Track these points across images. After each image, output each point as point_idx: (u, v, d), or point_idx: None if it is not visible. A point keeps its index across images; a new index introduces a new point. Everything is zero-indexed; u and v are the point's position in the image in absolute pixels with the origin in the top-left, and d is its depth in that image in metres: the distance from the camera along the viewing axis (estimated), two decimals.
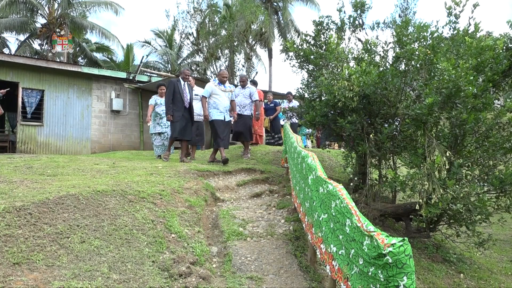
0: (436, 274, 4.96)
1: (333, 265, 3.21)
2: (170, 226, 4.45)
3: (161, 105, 9.55)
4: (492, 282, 5.08)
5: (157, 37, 30.70)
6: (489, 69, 5.00)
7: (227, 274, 3.88)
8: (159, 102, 9.67)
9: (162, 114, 9.59)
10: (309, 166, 4.20)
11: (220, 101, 8.25)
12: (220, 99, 8.25)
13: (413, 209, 5.21)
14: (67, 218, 3.97)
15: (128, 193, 4.84)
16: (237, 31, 21.93)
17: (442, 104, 4.96)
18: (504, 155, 5.20)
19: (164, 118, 9.47)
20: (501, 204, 4.99)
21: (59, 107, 14.04)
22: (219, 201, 6.26)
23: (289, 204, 5.95)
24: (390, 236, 2.40)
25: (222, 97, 8.27)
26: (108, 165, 7.12)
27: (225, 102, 8.31)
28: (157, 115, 9.71)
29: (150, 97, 10.21)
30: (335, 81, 5.69)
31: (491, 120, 5.25)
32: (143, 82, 15.41)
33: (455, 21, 5.85)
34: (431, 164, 4.86)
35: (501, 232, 7.33)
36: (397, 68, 5.80)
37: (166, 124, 9.53)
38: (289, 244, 4.63)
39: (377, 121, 5.95)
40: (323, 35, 6.91)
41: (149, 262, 3.73)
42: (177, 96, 8.13)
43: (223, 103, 8.27)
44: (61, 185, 4.84)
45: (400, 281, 2.27)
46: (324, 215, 3.52)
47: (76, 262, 3.48)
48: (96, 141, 14.79)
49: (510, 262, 6.00)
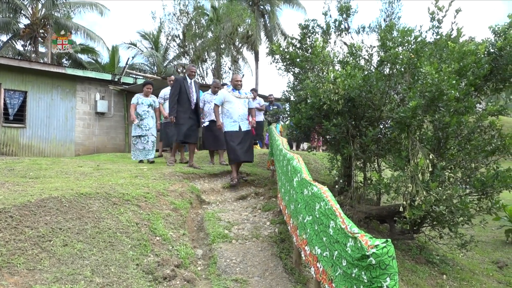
0: (419, 275, 5.02)
1: (318, 267, 3.22)
2: (154, 228, 4.41)
3: (142, 104, 8.86)
4: (474, 282, 5.16)
5: (143, 38, 30.49)
6: (471, 73, 5.09)
7: (212, 276, 3.87)
8: (141, 101, 8.89)
9: (143, 115, 8.82)
10: (294, 168, 4.22)
11: (234, 109, 7.26)
12: (234, 107, 7.27)
13: (397, 211, 5.26)
14: (50, 221, 3.91)
15: (112, 195, 4.78)
16: (224, 33, 21.91)
17: (426, 107, 5.03)
18: (485, 157, 5.30)
19: (145, 119, 8.82)
20: (482, 206, 5.07)
21: (42, 109, 13.83)
22: (204, 203, 6.23)
23: (274, 206, 5.95)
24: (374, 238, 2.41)
25: (236, 105, 7.30)
26: (92, 168, 7.03)
27: (239, 110, 7.29)
28: (137, 115, 8.83)
29: None
30: (320, 84, 5.72)
31: (473, 124, 5.34)
32: (128, 84, 15.29)
33: (438, 26, 5.94)
34: (415, 166, 4.92)
35: (483, 233, 7.45)
36: (381, 71, 5.86)
37: (147, 126, 8.83)
38: (274, 246, 4.64)
39: (362, 124, 6.00)
40: (309, 39, 6.95)
41: (133, 265, 3.70)
42: (183, 96, 7.60)
43: (237, 111, 7.26)
44: (44, 188, 4.77)
45: (383, 282, 2.28)
46: (309, 217, 3.53)
47: (58, 265, 3.43)
48: (80, 143, 14.61)
49: (492, 263, 6.09)
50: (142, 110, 8.83)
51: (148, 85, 9.15)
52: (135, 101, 8.93)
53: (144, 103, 8.87)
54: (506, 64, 5.36)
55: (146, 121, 8.85)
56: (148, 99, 8.92)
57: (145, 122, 8.85)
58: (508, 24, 5.72)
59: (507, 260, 6.16)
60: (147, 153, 8.85)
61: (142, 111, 8.83)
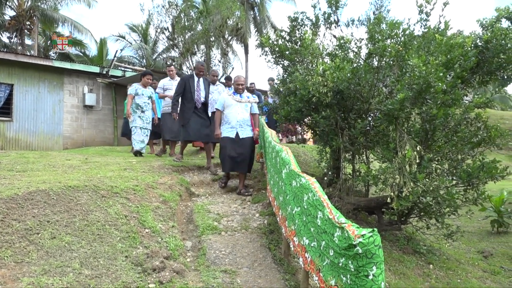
0: (406, 265, 5.09)
1: (306, 257, 3.25)
2: (144, 221, 4.41)
3: (143, 96, 8.42)
4: (460, 272, 5.25)
5: (131, 31, 30.26)
6: (458, 66, 5.14)
7: (201, 268, 3.88)
8: (140, 92, 8.42)
9: (144, 107, 8.41)
10: (283, 160, 4.24)
11: (232, 114, 6.62)
12: (232, 111, 6.63)
13: (385, 202, 5.32)
14: (37, 214, 3.89)
15: (101, 188, 4.76)
16: (213, 26, 21.78)
17: (413, 99, 5.08)
18: (471, 149, 5.37)
19: (146, 111, 8.43)
20: (468, 197, 5.15)
21: (29, 102, 13.67)
22: (194, 196, 6.24)
23: (264, 198, 5.98)
24: (360, 228, 2.45)
25: (235, 109, 6.65)
26: (80, 161, 6.99)
27: (238, 115, 6.63)
28: (138, 107, 8.38)
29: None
30: (309, 76, 5.74)
31: (459, 116, 5.41)
32: (117, 77, 15.16)
33: (426, 19, 5.98)
34: (402, 158, 4.98)
35: (469, 224, 7.57)
36: (370, 64, 5.89)
37: (148, 119, 8.48)
38: (263, 238, 4.67)
39: (351, 117, 6.03)
40: (298, 31, 6.94)
41: (122, 257, 3.69)
42: (187, 95, 7.21)
43: (235, 116, 6.61)
44: (31, 181, 4.73)
45: (369, 270, 2.32)
46: (297, 208, 3.56)
47: (46, 258, 3.41)
48: (69, 136, 14.48)
49: (477, 253, 6.20)
50: (143, 101, 8.44)
51: (148, 75, 8.64)
52: (133, 92, 8.38)
53: (145, 94, 8.48)
54: (492, 57, 5.42)
55: (147, 113, 8.49)
56: (147, 90, 8.53)
57: (146, 114, 8.49)
58: (495, 17, 5.79)
59: (492, 249, 6.27)
60: (143, 145, 8.57)
61: (143, 102, 8.43)
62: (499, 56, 5.34)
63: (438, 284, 4.84)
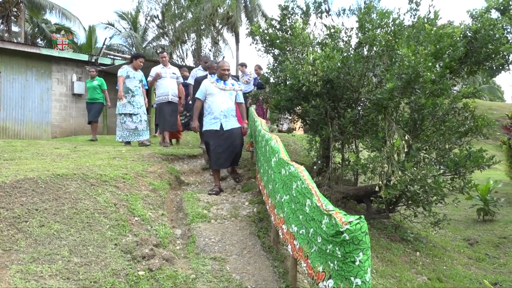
0: (394, 252, 5.17)
1: (294, 245, 3.29)
2: (133, 209, 4.41)
3: (134, 79, 7.87)
4: (446, 259, 5.35)
5: (121, 19, 29.83)
6: (447, 56, 5.18)
7: (190, 255, 3.90)
8: (132, 75, 7.87)
9: (134, 91, 7.82)
10: (273, 148, 4.25)
11: (216, 104, 5.89)
12: (216, 101, 5.90)
13: (373, 191, 5.38)
14: (25, 202, 3.87)
15: (90, 176, 4.74)
16: (204, 14, 21.60)
17: (402, 89, 5.11)
18: (459, 138, 5.45)
19: (136, 96, 7.81)
20: (455, 185, 5.24)
21: (16, 90, 13.47)
22: (183, 184, 6.24)
23: (253, 187, 6.01)
24: (348, 215, 2.48)
25: (218, 98, 5.91)
26: (69, 149, 6.93)
27: (222, 105, 5.89)
28: (128, 91, 7.79)
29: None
30: (299, 65, 5.74)
31: (447, 105, 5.47)
32: (106, 65, 14.99)
33: (416, 9, 6.00)
34: (391, 147, 5.03)
35: (456, 212, 7.70)
36: (360, 53, 5.91)
37: (138, 103, 7.87)
38: (252, 226, 4.70)
39: (340, 106, 6.06)
40: (289, 20, 6.92)
41: (112, 245, 3.70)
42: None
43: (219, 106, 5.87)
44: (19, 169, 4.69)
45: (356, 257, 2.35)
46: (286, 196, 3.59)
47: (35, 246, 3.41)
48: (57, 125, 14.33)
49: (463, 240, 6.32)
50: (134, 85, 7.89)
51: (141, 58, 8.12)
52: (124, 74, 7.84)
53: (136, 78, 7.95)
54: (480, 47, 5.47)
55: (138, 98, 7.91)
56: (139, 73, 8.05)
57: (137, 99, 7.89)
58: (485, 8, 5.82)
59: (477, 237, 6.39)
60: (141, 134, 8.00)
61: (134, 86, 7.88)
62: (487, 46, 5.39)
63: (424, 270, 4.93)
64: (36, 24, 25.30)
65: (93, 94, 10.64)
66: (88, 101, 10.84)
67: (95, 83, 10.58)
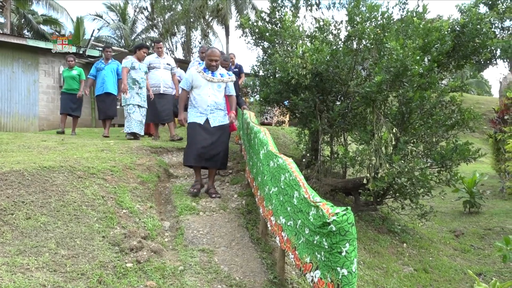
0: (381, 244, 5.23)
1: (282, 236, 3.31)
2: (121, 201, 4.39)
3: (140, 70, 7.64)
4: (432, 250, 5.42)
5: (109, 10, 29.41)
6: (435, 50, 5.22)
7: (179, 247, 3.91)
8: (137, 66, 7.64)
9: (141, 83, 7.62)
10: (261, 141, 4.26)
11: (202, 97, 5.29)
12: (202, 93, 5.29)
13: (361, 183, 5.42)
14: (11, 195, 3.83)
15: (77, 169, 4.71)
16: (194, 6, 21.43)
17: (391, 82, 5.15)
18: (445, 132, 5.51)
19: (143, 88, 7.64)
20: (442, 178, 5.30)
21: (2, 82, 13.25)
22: (172, 177, 6.22)
23: (242, 179, 6.01)
24: (335, 206, 2.50)
25: (205, 90, 5.29)
26: (56, 142, 6.86)
27: (209, 98, 5.29)
28: (135, 82, 7.56)
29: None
30: (289, 58, 5.73)
31: (435, 99, 5.52)
32: (94, 57, 14.81)
33: (405, 2, 6.03)
34: (379, 140, 5.07)
35: (442, 204, 7.80)
36: (349, 47, 5.92)
37: (144, 96, 7.71)
38: (241, 218, 4.71)
39: (329, 99, 6.09)
40: (278, 12, 6.90)
41: (99, 237, 3.68)
42: None
43: (205, 99, 5.28)
44: (5, 161, 4.64)
45: (342, 247, 2.38)
46: (274, 188, 3.60)
47: (21, 238, 3.38)
48: (45, 118, 14.15)
49: (449, 232, 6.41)
50: (140, 77, 7.66)
51: (144, 49, 7.87)
52: (128, 65, 7.57)
53: (142, 69, 7.72)
54: (468, 41, 5.53)
55: (144, 90, 7.72)
56: (143, 65, 7.81)
57: (144, 91, 7.70)
58: (474, 3, 5.88)
59: (463, 229, 6.48)
60: (142, 127, 7.86)
61: (140, 78, 7.66)
62: (474, 40, 5.45)
63: (411, 261, 5.00)
64: (22, 15, 24.85)
65: (71, 84, 9.64)
66: (65, 91, 9.74)
67: (74, 73, 9.64)
